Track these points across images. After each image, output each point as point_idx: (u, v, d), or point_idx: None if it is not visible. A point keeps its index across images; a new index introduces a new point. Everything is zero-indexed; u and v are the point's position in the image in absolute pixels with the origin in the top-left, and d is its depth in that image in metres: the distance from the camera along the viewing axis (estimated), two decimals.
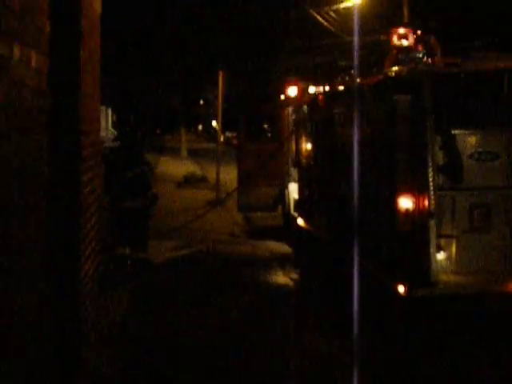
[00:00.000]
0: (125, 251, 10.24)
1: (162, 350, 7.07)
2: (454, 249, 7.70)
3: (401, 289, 7.42)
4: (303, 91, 13.26)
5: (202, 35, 34.29)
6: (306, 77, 15.22)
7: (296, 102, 13.66)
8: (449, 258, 7.67)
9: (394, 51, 8.57)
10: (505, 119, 7.84)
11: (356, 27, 13.62)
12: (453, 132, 7.70)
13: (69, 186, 5.07)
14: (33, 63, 3.76)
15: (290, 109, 14.32)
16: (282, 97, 15.10)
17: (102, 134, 8.98)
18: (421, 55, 8.18)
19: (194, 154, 42.00)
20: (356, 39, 9.23)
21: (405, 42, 8.37)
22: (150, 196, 10.72)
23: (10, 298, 3.32)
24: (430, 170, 7.42)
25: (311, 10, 23.61)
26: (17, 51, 3.40)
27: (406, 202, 7.65)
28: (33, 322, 3.80)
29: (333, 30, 23.05)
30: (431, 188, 7.41)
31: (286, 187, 14.59)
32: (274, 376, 6.47)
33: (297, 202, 13.55)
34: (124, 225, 10.20)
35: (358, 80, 9.40)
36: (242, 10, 30.50)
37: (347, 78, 10.43)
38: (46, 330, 4.16)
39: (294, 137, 13.91)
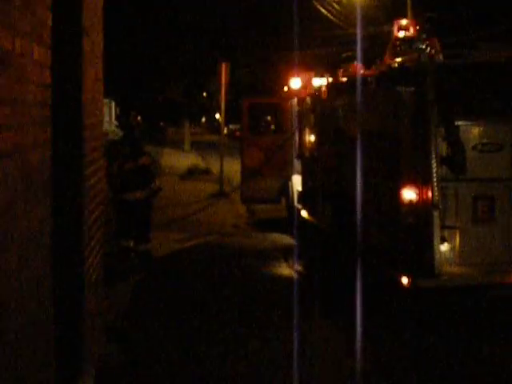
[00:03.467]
0: (128, 243, 10.24)
1: (166, 342, 7.09)
2: (457, 240, 7.70)
3: (404, 280, 7.43)
4: (306, 83, 13.24)
5: (204, 25, 34.24)
6: (309, 68, 15.17)
7: (299, 93, 13.64)
8: (452, 249, 7.66)
9: (397, 42, 8.55)
10: (508, 110, 7.82)
11: (359, 18, 13.60)
12: (456, 123, 7.68)
13: (72, 179, 5.08)
14: (35, 56, 3.76)
15: (294, 100, 14.30)
16: (286, 88, 15.07)
17: (106, 126, 8.98)
18: (423, 46, 8.15)
19: (197, 147, 41.95)
20: (359, 30, 9.20)
21: (407, 33, 8.35)
22: (154, 187, 10.69)
23: (13, 291, 3.33)
24: (434, 161, 7.40)
25: (314, 1, 23.57)
26: (19, 44, 3.39)
27: (409, 194, 7.64)
28: (36, 315, 3.81)
29: (336, 21, 23.00)
30: (435, 179, 7.40)
31: (290, 179, 14.58)
32: (278, 366, 6.48)
33: (300, 194, 13.55)
34: (126, 217, 10.19)
35: (362, 71, 9.38)
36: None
37: (350, 70, 10.41)
38: (49, 323, 4.17)
39: (297, 128, 13.90)
